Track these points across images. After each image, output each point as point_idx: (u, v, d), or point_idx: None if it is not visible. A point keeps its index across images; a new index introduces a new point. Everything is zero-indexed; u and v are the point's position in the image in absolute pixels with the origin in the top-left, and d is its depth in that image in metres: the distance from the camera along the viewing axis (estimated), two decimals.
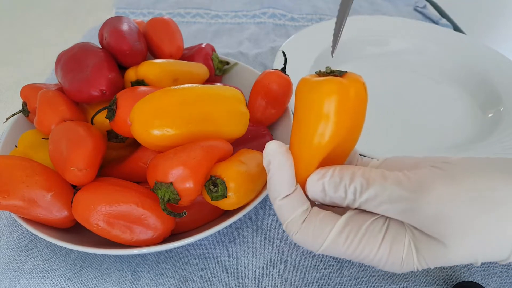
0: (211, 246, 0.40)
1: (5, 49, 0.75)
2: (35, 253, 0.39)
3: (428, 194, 0.24)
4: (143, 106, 0.35)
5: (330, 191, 0.27)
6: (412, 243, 0.25)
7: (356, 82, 0.27)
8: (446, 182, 0.24)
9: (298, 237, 0.27)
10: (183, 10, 0.84)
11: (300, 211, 0.27)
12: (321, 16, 0.83)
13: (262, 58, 0.68)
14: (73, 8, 0.87)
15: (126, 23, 0.46)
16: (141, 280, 0.37)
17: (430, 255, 0.25)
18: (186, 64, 0.48)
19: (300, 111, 0.28)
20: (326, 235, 0.26)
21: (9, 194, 0.33)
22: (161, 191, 0.32)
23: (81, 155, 0.34)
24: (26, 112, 0.45)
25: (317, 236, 0.26)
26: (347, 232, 0.26)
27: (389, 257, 0.25)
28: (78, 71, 0.42)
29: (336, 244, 0.26)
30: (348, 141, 0.28)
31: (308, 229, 0.26)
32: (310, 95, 0.27)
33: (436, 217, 0.24)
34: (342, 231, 0.26)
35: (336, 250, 0.26)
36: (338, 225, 0.26)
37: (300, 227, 0.27)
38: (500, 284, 0.37)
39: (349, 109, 0.26)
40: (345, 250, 0.26)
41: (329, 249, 0.26)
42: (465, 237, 0.23)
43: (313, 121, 0.27)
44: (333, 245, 0.26)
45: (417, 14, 0.85)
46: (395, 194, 0.25)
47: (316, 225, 0.26)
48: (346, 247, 0.26)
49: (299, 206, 0.27)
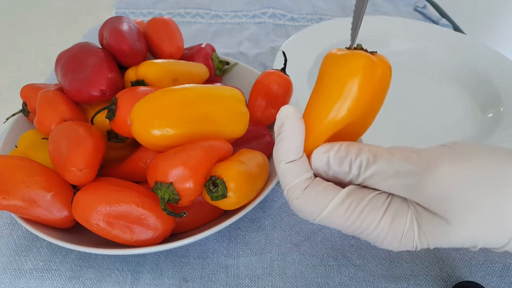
0: (211, 246, 0.40)
1: (5, 49, 0.75)
2: (35, 253, 0.39)
3: (435, 170, 0.24)
4: (143, 106, 0.35)
5: (335, 165, 0.26)
6: (414, 218, 0.25)
7: (383, 63, 0.26)
8: (455, 159, 0.24)
9: (298, 203, 0.26)
10: (183, 10, 0.84)
11: (304, 177, 0.27)
12: (321, 16, 0.83)
13: (262, 58, 0.68)
14: (73, 8, 0.87)
15: (126, 23, 0.46)
16: (141, 280, 0.37)
17: (431, 233, 0.24)
18: (186, 64, 0.48)
19: (321, 81, 0.27)
20: (327, 203, 0.26)
21: (9, 194, 0.33)
22: (161, 191, 0.32)
23: (81, 155, 0.34)
24: (26, 112, 0.45)
25: (317, 203, 0.26)
26: (349, 202, 0.25)
27: (390, 231, 0.25)
28: (78, 71, 0.42)
29: (336, 214, 0.26)
30: (361, 123, 0.28)
31: (309, 195, 0.26)
32: (336, 66, 0.26)
33: (442, 194, 0.24)
34: (344, 200, 0.26)
35: (335, 219, 0.26)
36: (341, 194, 0.26)
37: (301, 192, 0.26)
38: (500, 284, 0.37)
39: (372, 87, 0.26)
40: (345, 220, 0.25)
41: (328, 218, 0.26)
42: (469, 216, 0.23)
43: (334, 92, 0.26)
44: (333, 214, 0.26)
45: (417, 14, 0.85)
46: (403, 168, 0.25)
47: (318, 192, 0.26)
48: (347, 217, 0.25)
49: (304, 172, 0.27)
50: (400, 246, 0.25)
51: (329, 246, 0.40)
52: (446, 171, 0.24)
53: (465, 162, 0.24)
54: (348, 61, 0.26)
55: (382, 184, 0.25)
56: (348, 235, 0.40)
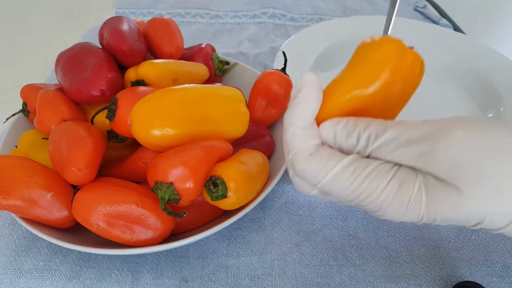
0: (211, 246, 0.40)
1: (5, 49, 0.75)
2: (35, 253, 0.39)
3: (448, 136, 0.23)
4: (143, 106, 0.35)
5: (342, 138, 0.26)
6: (423, 186, 0.24)
7: (415, 56, 0.27)
8: (469, 127, 0.23)
9: (302, 167, 0.26)
10: (183, 10, 0.84)
11: (311, 144, 0.26)
12: (321, 16, 0.83)
13: (262, 58, 0.68)
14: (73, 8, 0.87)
15: (126, 23, 0.46)
16: (141, 280, 0.37)
17: (440, 202, 0.24)
18: (186, 64, 0.48)
19: (352, 62, 0.28)
20: (331, 167, 0.25)
21: (9, 194, 0.33)
22: (161, 191, 0.32)
23: (81, 155, 0.34)
24: (26, 112, 0.45)
25: (322, 167, 0.25)
26: (354, 167, 0.25)
27: (395, 198, 0.24)
28: (78, 71, 0.42)
29: (340, 178, 0.25)
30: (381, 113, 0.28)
31: (314, 159, 0.26)
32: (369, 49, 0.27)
33: (454, 160, 0.23)
34: (350, 165, 0.25)
35: (338, 184, 0.25)
36: (346, 159, 0.25)
37: (306, 157, 0.26)
38: (500, 284, 0.37)
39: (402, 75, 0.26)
40: (349, 185, 0.25)
41: (332, 182, 0.25)
42: (480, 184, 0.23)
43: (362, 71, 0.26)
44: (337, 179, 0.25)
45: (417, 14, 0.85)
46: (413, 136, 0.24)
47: (323, 157, 0.26)
48: (351, 181, 0.25)
49: (312, 138, 0.26)
50: (404, 216, 0.25)
51: (329, 246, 0.40)
52: (459, 138, 0.23)
53: (479, 131, 0.23)
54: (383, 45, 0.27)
55: (391, 154, 0.25)
56: (348, 235, 0.40)
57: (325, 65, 0.61)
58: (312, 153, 0.26)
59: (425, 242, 0.40)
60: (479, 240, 0.40)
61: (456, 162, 0.23)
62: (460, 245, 0.40)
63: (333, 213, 0.43)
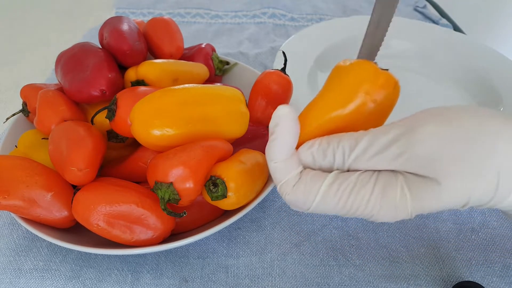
0: (211, 246, 0.40)
1: (5, 49, 0.75)
2: (35, 253, 0.39)
3: (419, 132, 0.24)
4: (143, 106, 0.35)
5: (319, 158, 0.27)
6: (405, 186, 0.25)
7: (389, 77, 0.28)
8: (439, 120, 0.25)
9: (290, 198, 0.27)
10: (183, 10, 0.84)
11: (294, 174, 0.27)
12: (321, 16, 0.83)
13: (262, 58, 0.68)
14: (73, 8, 0.87)
15: (126, 23, 0.46)
16: (141, 280, 0.37)
17: (424, 197, 0.25)
18: (186, 64, 0.48)
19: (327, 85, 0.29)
20: (316, 191, 0.26)
21: (9, 194, 0.33)
22: (161, 191, 0.32)
23: (81, 155, 0.34)
24: (26, 112, 0.45)
25: (308, 193, 0.26)
26: (337, 185, 0.26)
27: (383, 203, 0.25)
28: (78, 71, 0.42)
29: (327, 198, 0.26)
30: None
31: (299, 188, 0.27)
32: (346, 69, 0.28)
33: (429, 155, 0.24)
34: (332, 184, 0.26)
35: (327, 204, 0.26)
36: (328, 179, 0.26)
37: (292, 188, 0.27)
38: (500, 284, 0.37)
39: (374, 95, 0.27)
40: (337, 202, 0.26)
41: (321, 204, 0.26)
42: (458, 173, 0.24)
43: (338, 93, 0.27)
44: (324, 200, 0.26)
45: (417, 14, 0.85)
46: (386, 139, 0.25)
47: (307, 183, 0.27)
48: (337, 199, 0.26)
49: (294, 169, 0.27)
50: (396, 217, 0.26)
51: (329, 246, 0.40)
52: (429, 132, 0.24)
53: (449, 122, 0.24)
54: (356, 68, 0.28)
55: (369, 163, 0.26)
56: (348, 235, 0.40)
57: (325, 65, 0.61)
58: (296, 182, 0.27)
59: (425, 242, 0.40)
60: (479, 240, 0.40)
61: (429, 157, 0.24)
62: (460, 245, 0.40)
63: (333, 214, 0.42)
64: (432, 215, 0.42)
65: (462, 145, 0.24)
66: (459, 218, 0.42)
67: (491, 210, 0.43)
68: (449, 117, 0.25)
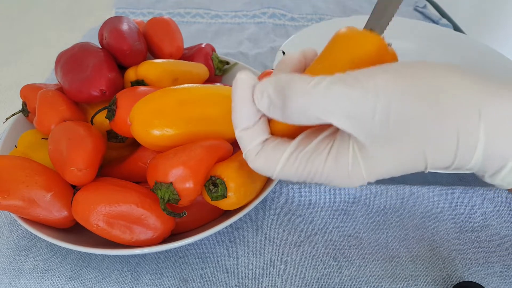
0: (211, 246, 0.40)
1: (5, 49, 0.75)
2: (35, 253, 0.39)
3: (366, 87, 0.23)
4: (143, 106, 0.35)
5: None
6: (358, 153, 0.24)
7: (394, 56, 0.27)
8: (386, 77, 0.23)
9: (255, 165, 0.27)
10: (183, 10, 0.84)
11: (257, 142, 0.27)
12: (321, 16, 0.83)
13: (262, 58, 0.68)
14: (73, 8, 0.87)
15: (126, 23, 0.46)
16: (141, 280, 0.37)
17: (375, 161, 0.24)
18: (186, 64, 0.48)
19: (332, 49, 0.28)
20: (277, 161, 0.26)
21: (9, 194, 0.33)
22: (161, 191, 0.32)
23: (81, 155, 0.34)
24: (26, 112, 0.45)
25: (270, 162, 0.27)
26: (296, 154, 0.26)
27: (337, 170, 0.25)
28: (78, 71, 0.42)
29: (287, 167, 0.26)
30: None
31: (260, 158, 0.27)
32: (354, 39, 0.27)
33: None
34: (291, 154, 0.26)
35: (289, 172, 0.26)
36: (288, 149, 0.26)
37: (254, 157, 0.27)
38: (500, 284, 0.37)
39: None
40: (295, 170, 0.26)
41: (283, 172, 0.27)
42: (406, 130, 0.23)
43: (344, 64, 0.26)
44: (285, 168, 0.26)
45: (417, 14, 0.85)
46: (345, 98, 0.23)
47: (268, 153, 0.27)
48: (296, 167, 0.26)
49: (257, 137, 0.27)
50: (352, 184, 0.25)
51: (329, 247, 0.40)
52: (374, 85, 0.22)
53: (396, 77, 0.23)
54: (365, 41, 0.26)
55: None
56: (348, 236, 0.40)
57: None
58: (258, 151, 0.27)
59: (425, 242, 0.40)
60: (479, 240, 0.40)
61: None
62: (460, 245, 0.40)
63: (333, 213, 0.43)
64: (432, 215, 0.42)
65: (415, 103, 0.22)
66: (459, 218, 0.42)
67: (491, 210, 0.43)
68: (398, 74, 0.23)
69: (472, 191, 0.43)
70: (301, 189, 0.44)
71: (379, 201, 0.43)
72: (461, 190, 0.43)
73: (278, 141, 0.27)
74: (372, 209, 0.43)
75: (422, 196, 0.43)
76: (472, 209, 0.43)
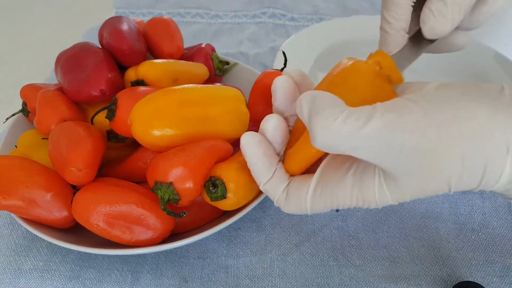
0: (211, 246, 0.40)
1: (5, 49, 0.75)
2: (35, 253, 0.39)
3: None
4: (143, 107, 0.35)
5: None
6: (384, 182, 0.25)
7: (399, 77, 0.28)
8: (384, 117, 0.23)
9: (288, 211, 0.29)
10: (183, 10, 0.84)
11: (281, 190, 0.29)
12: (321, 16, 0.83)
13: (262, 58, 0.68)
14: (73, 8, 0.87)
15: (126, 23, 0.46)
16: (141, 280, 0.37)
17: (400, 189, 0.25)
18: (186, 64, 0.48)
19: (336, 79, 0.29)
20: (304, 200, 0.28)
21: (9, 194, 0.33)
22: (161, 191, 0.32)
23: (81, 155, 0.34)
24: (26, 112, 0.45)
25: (299, 203, 0.28)
26: (319, 192, 0.27)
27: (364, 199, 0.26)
28: (78, 71, 0.42)
29: (315, 204, 0.28)
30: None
31: (290, 202, 0.29)
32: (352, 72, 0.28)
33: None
34: (315, 192, 0.27)
35: (319, 207, 0.28)
36: (310, 188, 0.28)
37: (284, 204, 0.29)
38: (500, 284, 0.37)
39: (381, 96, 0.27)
40: (324, 205, 0.27)
41: (314, 209, 0.28)
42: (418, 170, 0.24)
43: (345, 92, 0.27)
44: (314, 206, 0.28)
45: None
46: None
47: (294, 196, 0.28)
48: (323, 202, 0.27)
49: (280, 185, 0.29)
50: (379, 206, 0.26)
51: (329, 247, 0.40)
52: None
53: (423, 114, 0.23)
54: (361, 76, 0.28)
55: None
56: (348, 235, 0.40)
57: (325, 65, 0.61)
58: (286, 197, 0.29)
59: (425, 242, 0.40)
60: (479, 240, 0.40)
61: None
62: (460, 245, 0.40)
63: (333, 213, 0.42)
64: (432, 215, 0.42)
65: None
66: (460, 218, 0.42)
67: (491, 210, 0.43)
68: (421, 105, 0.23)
69: (472, 191, 0.43)
70: None
71: None
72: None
73: (299, 181, 0.29)
74: (372, 209, 0.43)
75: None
76: (472, 209, 0.43)
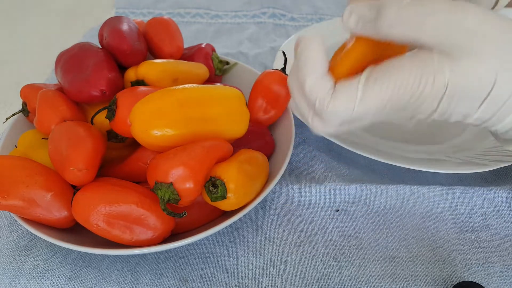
0: (211, 246, 0.40)
1: (5, 49, 0.75)
2: (35, 253, 0.39)
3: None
4: (143, 107, 0.35)
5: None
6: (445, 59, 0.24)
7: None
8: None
9: (335, 104, 0.26)
10: (183, 10, 0.84)
11: (330, 84, 0.27)
12: (321, 16, 0.83)
13: (262, 58, 0.68)
14: (73, 8, 0.87)
15: (126, 23, 0.46)
16: (141, 280, 0.37)
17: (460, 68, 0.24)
18: (186, 64, 0.48)
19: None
20: (355, 89, 0.26)
21: (9, 194, 0.33)
22: (161, 191, 0.32)
23: (81, 155, 0.34)
24: (26, 112, 0.45)
25: (348, 95, 0.26)
26: (374, 76, 0.25)
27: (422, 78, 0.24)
28: (78, 71, 0.42)
29: (369, 91, 0.25)
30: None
31: (337, 95, 0.26)
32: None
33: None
34: (369, 78, 0.25)
35: (371, 97, 0.25)
36: (363, 75, 0.26)
37: (331, 96, 0.26)
38: (500, 284, 0.37)
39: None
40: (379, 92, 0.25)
41: (365, 101, 0.25)
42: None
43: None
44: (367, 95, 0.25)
45: None
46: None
47: (343, 87, 0.26)
48: (378, 88, 0.25)
49: (329, 81, 0.27)
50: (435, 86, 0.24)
51: (329, 247, 0.40)
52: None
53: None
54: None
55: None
56: (348, 235, 0.40)
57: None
58: (332, 93, 0.26)
59: (425, 242, 0.40)
60: (479, 240, 0.40)
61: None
62: (460, 245, 0.40)
63: (333, 213, 0.43)
64: (432, 215, 0.42)
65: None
66: (459, 218, 0.42)
67: (492, 210, 0.43)
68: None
69: (472, 191, 0.43)
70: (301, 189, 0.44)
71: (379, 201, 0.43)
72: (461, 190, 0.43)
73: (348, 79, 0.26)
74: (372, 209, 0.43)
75: (422, 196, 0.43)
76: (472, 209, 0.43)
